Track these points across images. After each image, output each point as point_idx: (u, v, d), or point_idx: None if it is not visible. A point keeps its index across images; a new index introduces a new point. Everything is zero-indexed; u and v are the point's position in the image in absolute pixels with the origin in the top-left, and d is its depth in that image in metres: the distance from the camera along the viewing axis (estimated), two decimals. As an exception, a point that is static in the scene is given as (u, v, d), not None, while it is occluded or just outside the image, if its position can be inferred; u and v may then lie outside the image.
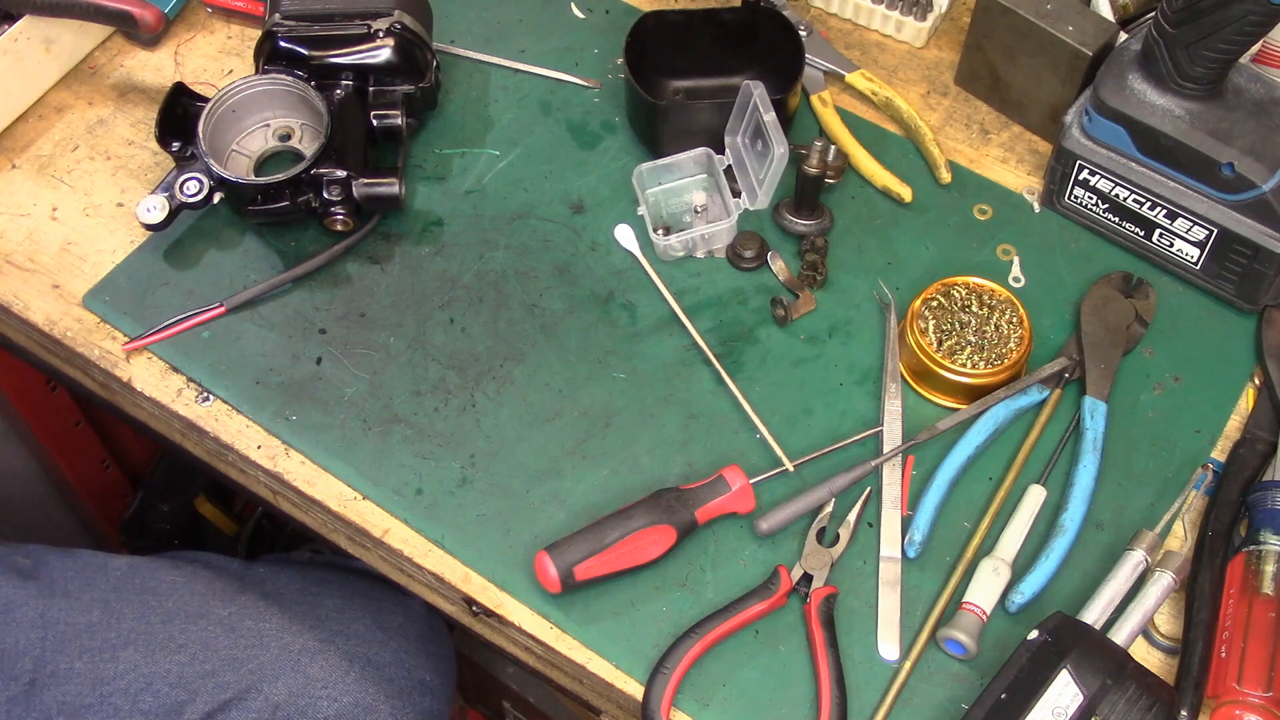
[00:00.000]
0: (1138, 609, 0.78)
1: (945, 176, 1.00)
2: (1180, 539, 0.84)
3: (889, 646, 0.79)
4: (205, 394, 0.90)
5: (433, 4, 1.03)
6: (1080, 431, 0.86)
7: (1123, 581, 0.79)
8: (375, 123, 0.98)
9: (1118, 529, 0.83)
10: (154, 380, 0.91)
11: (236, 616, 0.98)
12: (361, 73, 0.98)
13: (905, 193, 0.99)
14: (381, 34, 0.97)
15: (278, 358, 0.92)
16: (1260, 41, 0.97)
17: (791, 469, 0.86)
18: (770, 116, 0.91)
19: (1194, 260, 0.92)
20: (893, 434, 0.87)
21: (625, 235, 0.97)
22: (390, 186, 0.94)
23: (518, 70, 1.08)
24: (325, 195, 0.93)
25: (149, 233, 0.96)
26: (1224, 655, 0.74)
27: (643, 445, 0.88)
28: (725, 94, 0.98)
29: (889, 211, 0.99)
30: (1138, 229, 0.94)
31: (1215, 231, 0.89)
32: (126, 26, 1.02)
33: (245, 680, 0.94)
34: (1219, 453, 0.87)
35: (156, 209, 0.92)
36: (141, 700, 0.93)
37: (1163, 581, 0.79)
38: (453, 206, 1.00)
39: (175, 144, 0.95)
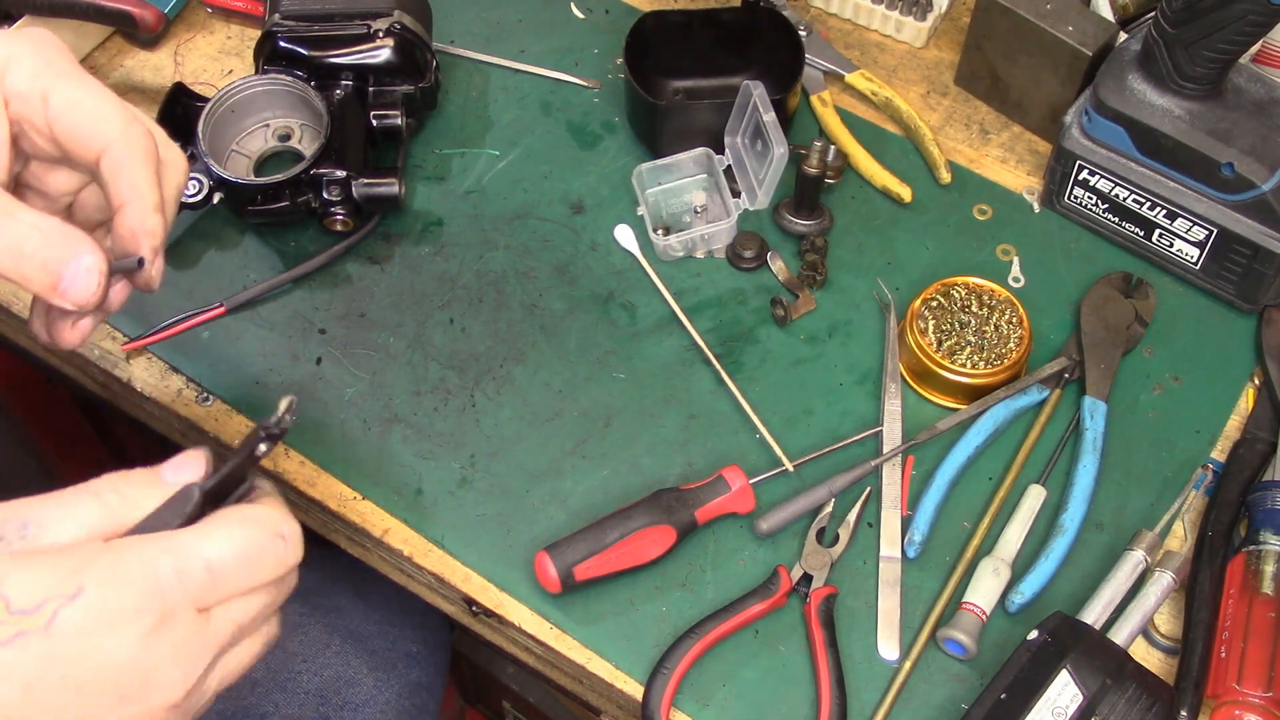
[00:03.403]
0: (1138, 609, 0.78)
1: (945, 176, 1.00)
2: (1180, 539, 0.84)
3: (889, 646, 0.79)
4: (205, 394, 0.90)
5: (433, 4, 1.03)
6: (1080, 431, 0.86)
7: (1123, 581, 0.79)
8: (375, 123, 0.98)
9: (1118, 529, 0.83)
10: (154, 380, 0.91)
11: None
12: (361, 73, 0.98)
13: (905, 193, 0.99)
14: (381, 34, 0.97)
15: (278, 358, 0.92)
16: (1260, 41, 0.97)
17: (791, 469, 0.86)
18: (770, 116, 0.91)
19: (1194, 260, 0.92)
20: (892, 434, 0.87)
21: (625, 235, 0.97)
22: (390, 186, 0.94)
23: (518, 70, 1.08)
24: (325, 195, 0.93)
25: (149, 233, 0.96)
26: (1224, 655, 0.74)
27: (643, 445, 0.88)
28: (725, 94, 0.98)
29: (889, 211, 0.99)
30: (1137, 229, 0.94)
31: (1215, 231, 0.89)
32: (126, 26, 1.02)
33: None
34: (1219, 453, 0.87)
35: (156, 209, 0.92)
36: None
37: (1162, 581, 0.79)
38: (452, 206, 1.00)
39: (175, 144, 0.95)
